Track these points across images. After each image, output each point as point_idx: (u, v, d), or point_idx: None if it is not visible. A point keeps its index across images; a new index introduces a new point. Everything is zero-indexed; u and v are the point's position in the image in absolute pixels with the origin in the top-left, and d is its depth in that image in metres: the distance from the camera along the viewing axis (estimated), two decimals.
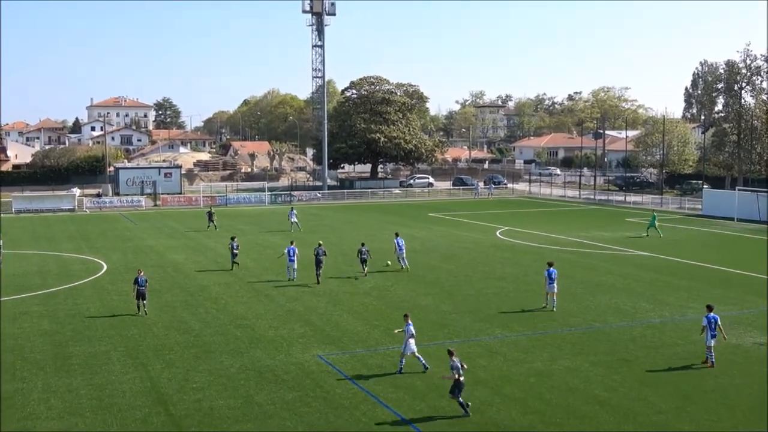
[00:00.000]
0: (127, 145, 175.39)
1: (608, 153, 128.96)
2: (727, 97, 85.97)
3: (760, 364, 23.94)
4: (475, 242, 50.86)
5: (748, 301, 32.75)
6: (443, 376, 20.91)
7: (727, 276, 38.81)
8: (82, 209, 75.95)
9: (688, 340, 26.66)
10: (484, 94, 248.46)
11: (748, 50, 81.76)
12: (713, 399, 20.88)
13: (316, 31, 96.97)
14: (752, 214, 63.17)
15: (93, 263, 43.07)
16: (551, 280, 31.06)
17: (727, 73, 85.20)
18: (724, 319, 29.27)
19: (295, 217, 58.23)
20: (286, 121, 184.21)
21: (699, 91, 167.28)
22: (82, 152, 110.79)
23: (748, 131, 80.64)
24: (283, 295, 34.27)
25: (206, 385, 22.02)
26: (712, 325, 23.58)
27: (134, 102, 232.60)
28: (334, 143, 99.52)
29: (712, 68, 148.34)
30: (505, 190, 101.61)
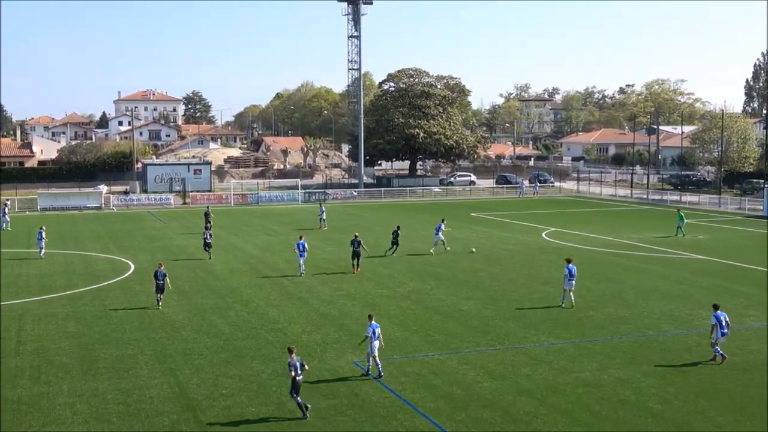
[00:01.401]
0: (155, 140, 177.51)
1: (662, 150, 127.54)
2: None
3: None
4: (519, 244, 50.64)
5: None
6: (280, 371, 20.74)
7: None
8: (109, 207, 76.98)
9: (746, 349, 26.31)
10: (529, 86, 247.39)
11: None
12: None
13: (352, 21, 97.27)
14: None
15: (120, 263, 43.63)
16: (572, 276, 32.26)
17: None
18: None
19: (324, 214, 59.53)
20: (320, 115, 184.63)
21: (761, 83, 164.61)
22: (109, 148, 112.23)
23: None
24: (317, 298, 34.43)
25: (236, 392, 22.20)
26: (722, 323, 24.68)
27: (163, 96, 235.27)
28: (370, 139, 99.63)
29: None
30: (552, 188, 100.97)
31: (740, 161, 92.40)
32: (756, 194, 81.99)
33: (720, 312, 24.97)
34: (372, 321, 23.70)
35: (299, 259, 39.66)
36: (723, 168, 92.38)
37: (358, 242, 40.99)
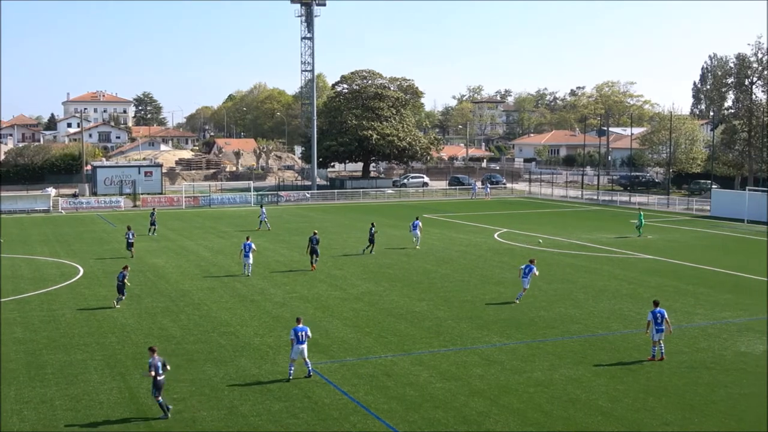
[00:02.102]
0: (105, 142, 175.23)
1: (612, 151, 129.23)
2: (737, 93, 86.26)
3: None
4: (472, 245, 50.94)
5: (759, 308, 32.86)
6: (143, 373, 20.85)
7: (736, 281, 38.96)
8: (58, 210, 75.78)
9: (694, 347, 26.78)
10: (482, 89, 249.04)
11: (760, 43, 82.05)
12: (721, 410, 20.96)
13: (305, 23, 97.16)
14: (763, 215, 63.43)
15: (69, 267, 42.99)
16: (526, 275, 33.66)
17: (737, 67, 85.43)
18: (732, 326, 29.54)
19: (265, 216, 59.72)
20: (273, 117, 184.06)
21: (708, 86, 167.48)
22: (58, 150, 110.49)
23: (759, 128, 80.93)
24: (270, 300, 34.28)
25: (188, 396, 22.01)
26: (658, 320, 25.05)
27: (113, 97, 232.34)
28: (323, 141, 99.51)
29: (722, 62, 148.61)
30: (504, 190, 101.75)
31: (688, 162, 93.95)
32: (703, 195, 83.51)
33: (658, 308, 25.28)
34: (299, 324, 23.53)
35: (245, 259, 40.02)
36: (671, 169, 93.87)
37: (317, 240, 41.98)
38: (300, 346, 23.12)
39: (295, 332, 23.19)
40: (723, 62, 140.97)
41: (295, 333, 23.18)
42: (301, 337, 23.13)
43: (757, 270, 41.58)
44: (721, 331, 28.87)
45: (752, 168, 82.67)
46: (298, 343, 23.10)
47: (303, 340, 23.13)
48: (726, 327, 29.57)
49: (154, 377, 20.32)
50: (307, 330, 23.40)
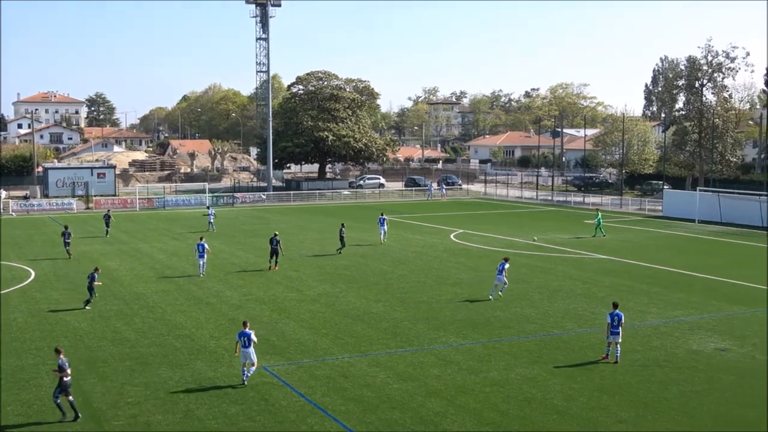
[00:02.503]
0: (57, 143, 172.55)
1: (566, 152, 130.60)
2: (687, 95, 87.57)
3: (721, 370, 24.44)
4: (428, 246, 51.08)
5: (710, 306, 33.45)
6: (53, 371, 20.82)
7: (688, 279, 39.58)
8: (8, 212, 74.44)
9: (647, 345, 27.14)
10: (437, 90, 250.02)
11: (710, 46, 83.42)
12: (674, 407, 21.27)
13: (260, 23, 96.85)
14: (713, 215, 64.56)
15: (20, 270, 42.25)
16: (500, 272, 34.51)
17: (687, 69, 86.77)
18: (684, 324, 30.00)
19: (213, 217, 59.91)
20: (228, 118, 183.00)
21: (659, 88, 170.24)
22: (8, 151, 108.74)
23: (709, 130, 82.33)
24: (226, 303, 34.05)
25: (143, 400, 21.77)
26: (615, 322, 24.99)
27: (64, 98, 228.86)
28: (279, 142, 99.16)
29: (673, 64, 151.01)
30: (460, 191, 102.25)
31: (640, 163, 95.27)
32: (655, 195, 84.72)
33: (617, 311, 25.19)
34: (245, 327, 23.29)
35: (199, 260, 40.05)
36: (624, 170, 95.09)
37: (277, 241, 42.09)
38: (245, 350, 22.96)
39: (239, 336, 23.15)
40: (674, 65, 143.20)
41: (239, 337, 23.13)
42: (245, 342, 22.94)
43: (709, 269, 42.27)
44: (673, 330, 29.30)
45: (703, 169, 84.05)
46: (244, 347, 22.96)
47: (247, 345, 22.91)
48: (678, 325, 30.02)
49: (62, 378, 20.10)
50: (251, 335, 23.10)
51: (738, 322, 30.55)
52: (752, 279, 39.45)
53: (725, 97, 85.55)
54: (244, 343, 22.94)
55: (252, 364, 23.06)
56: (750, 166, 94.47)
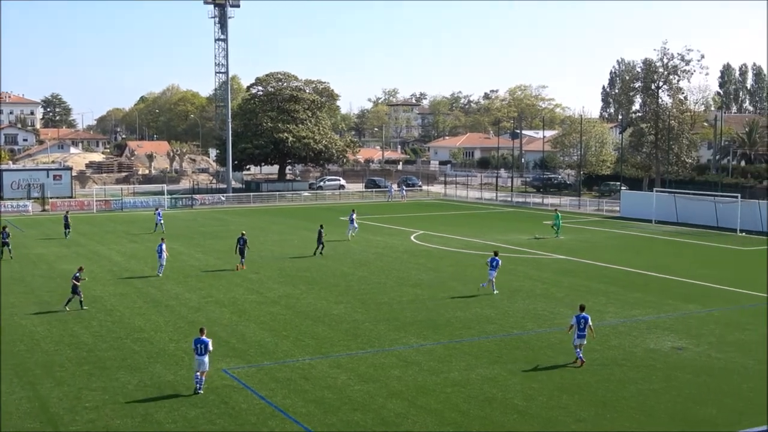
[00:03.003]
0: (11, 145, 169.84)
1: (525, 153, 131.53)
2: (644, 97, 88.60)
3: (678, 368, 24.79)
4: (388, 247, 51.14)
5: (667, 305, 33.90)
6: None
7: (645, 279, 40.07)
8: None
9: (605, 345, 27.43)
10: (397, 91, 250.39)
11: (665, 48, 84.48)
12: (632, 405, 21.52)
13: (218, 24, 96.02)
14: (669, 215, 65.43)
15: None
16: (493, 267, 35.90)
17: (644, 71, 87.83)
18: (641, 324, 30.37)
19: (161, 218, 59.96)
20: (186, 119, 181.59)
21: (616, 90, 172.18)
22: None
23: (665, 131, 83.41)
24: (185, 305, 33.78)
25: (101, 404, 21.52)
26: (581, 325, 24.80)
27: (19, 98, 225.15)
28: (238, 143, 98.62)
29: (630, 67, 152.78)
30: (420, 192, 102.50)
31: (598, 164, 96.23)
32: (613, 196, 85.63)
33: (584, 313, 25.06)
34: (202, 335, 22.88)
35: (159, 260, 40.44)
36: (582, 171, 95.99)
37: (244, 240, 42.80)
38: (200, 358, 22.44)
39: (195, 344, 22.67)
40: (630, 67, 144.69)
41: (195, 344, 22.66)
42: (200, 350, 22.46)
43: (665, 269, 42.82)
44: (631, 329, 29.64)
45: (659, 170, 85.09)
46: (199, 355, 22.46)
47: (202, 353, 22.42)
48: (636, 325, 30.39)
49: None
50: (209, 343, 22.63)
51: (694, 321, 31.00)
52: (707, 278, 40.06)
53: (680, 99, 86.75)
54: (199, 351, 22.48)
55: (204, 372, 22.55)
56: (705, 167, 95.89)
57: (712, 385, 23.30)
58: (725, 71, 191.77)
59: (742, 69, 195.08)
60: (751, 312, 32.79)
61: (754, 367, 25.01)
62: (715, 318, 31.61)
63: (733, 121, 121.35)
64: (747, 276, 41.24)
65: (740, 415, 20.80)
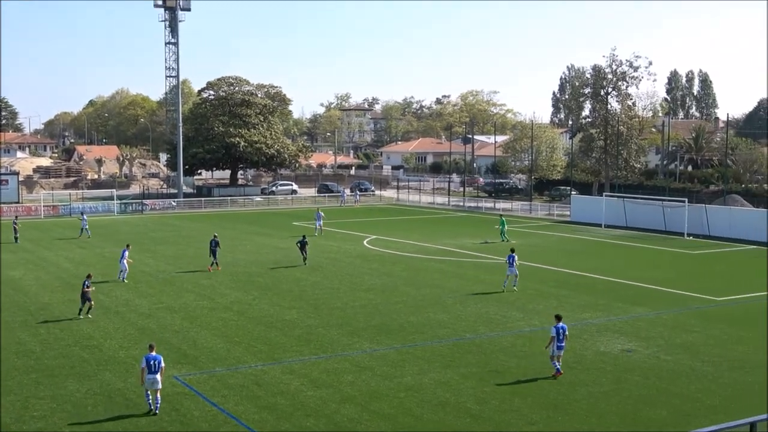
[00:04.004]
0: None
1: (477, 158, 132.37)
2: (593, 103, 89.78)
3: (628, 371, 25.11)
4: (341, 252, 51.09)
5: (616, 308, 34.33)
6: None
7: (595, 282, 40.55)
8: None
9: None
10: (350, 96, 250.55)
11: (614, 55, 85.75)
12: (584, 407, 21.75)
13: (169, 28, 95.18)
14: (618, 219, 66.31)
15: None
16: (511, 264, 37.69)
17: (593, 78, 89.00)
18: (592, 327, 30.72)
19: (86, 223, 59.72)
20: (136, 123, 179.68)
21: (566, 96, 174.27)
22: None
23: (614, 137, 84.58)
24: (135, 311, 33.37)
25: (49, 413, 21.15)
26: (560, 336, 24.20)
27: None
28: (189, 148, 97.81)
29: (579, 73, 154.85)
30: (373, 197, 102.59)
31: (549, 169, 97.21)
32: (564, 200, 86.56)
33: (561, 324, 24.46)
34: (152, 351, 21.52)
35: (121, 265, 40.36)
36: (533, 176, 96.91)
37: (216, 242, 44.37)
38: (153, 377, 21.04)
39: (146, 361, 21.11)
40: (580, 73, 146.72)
41: (146, 362, 21.09)
42: (154, 367, 21.04)
43: (614, 272, 43.37)
44: (581, 332, 29.96)
45: (608, 174, 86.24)
46: (150, 373, 21.04)
47: (155, 370, 21.03)
48: (586, 328, 30.73)
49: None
50: (161, 359, 21.32)
51: (643, 324, 31.45)
52: (656, 281, 40.67)
53: (629, 105, 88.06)
54: (152, 368, 21.04)
55: (157, 390, 21.19)
56: (653, 172, 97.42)
57: (661, 386, 23.64)
58: (672, 78, 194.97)
59: (688, 75, 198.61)
60: (698, 314, 33.37)
61: (702, 368, 25.46)
62: (664, 320, 32.10)
63: (680, 126, 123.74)
64: (694, 279, 41.99)
65: (689, 417, 21.13)
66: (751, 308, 34.82)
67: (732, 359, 26.54)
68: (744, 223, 58.84)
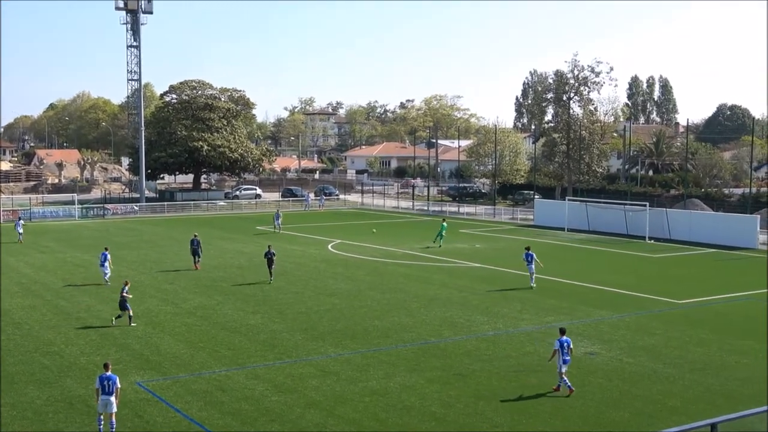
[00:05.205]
0: None
1: (441, 163, 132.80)
2: (556, 107, 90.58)
3: (591, 373, 25.31)
4: (305, 257, 50.95)
5: (579, 311, 34.60)
6: None
7: (558, 286, 40.81)
8: None
9: (521, 351, 27.84)
10: (314, 100, 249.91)
11: (576, 60, 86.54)
12: (547, 411, 21.88)
13: (131, 30, 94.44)
14: (581, 223, 66.86)
15: None
16: (529, 261, 39.33)
17: (555, 83, 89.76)
18: (555, 330, 30.84)
19: (21, 227, 59.68)
20: (98, 127, 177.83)
21: (529, 100, 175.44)
22: None
23: (576, 141, 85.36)
24: (97, 317, 32.98)
25: (9, 421, 20.84)
26: (565, 349, 23.26)
27: None
28: (152, 152, 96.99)
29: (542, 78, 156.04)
30: (337, 201, 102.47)
31: (512, 174, 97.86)
32: (527, 204, 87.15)
33: (565, 337, 23.52)
34: (107, 370, 20.10)
35: (101, 268, 40.90)
36: (497, 180, 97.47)
37: (198, 242, 46.10)
38: (107, 398, 19.67)
39: (100, 381, 19.79)
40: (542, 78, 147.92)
41: (100, 382, 19.77)
42: (108, 387, 19.68)
43: (577, 275, 43.68)
44: (546, 335, 30.12)
45: (571, 179, 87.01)
46: (104, 394, 19.69)
47: (110, 391, 19.68)
48: (550, 331, 30.84)
49: None
50: (116, 380, 19.94)
51: (605, 327, 31.71)
52: (618, 285, 41.06)
53: (591, 110, 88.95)
54: (106, 389, 19.66)
55: (112, 414, 19.75)
56: (615, 177, 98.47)
57: (623, 388, 23.86)
58: (633, 83, 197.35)
59: (649, 81, 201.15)
60: (660, 317, 33.72)
61: (663, 370, 25.73)
62: (626, 323, 32.40)
63: (642, 131, 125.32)
64: (655, 282, 42.43)
65: (651, 418, 21.35)
66: (711, 311, 35.30)
67: (693, 361, 26.87)
68: (704, 227, 59.64)
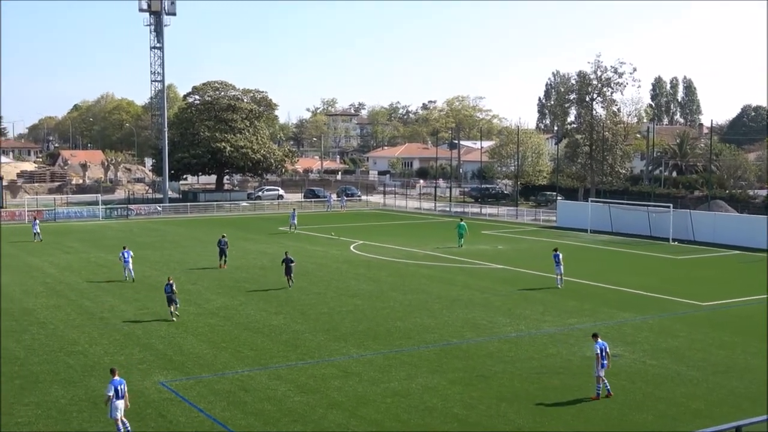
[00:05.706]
0: None
1: (463, 164, 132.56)
2: (578, 108, 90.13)
3: (614, 375, 25.16)
4: (328, 257, 51.04)
5: (602, 313, 34.44)
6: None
7: (580, 288, 40.62)
8: None
9: (543, 353, 27.75)
10: (336, 101, 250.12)
11: (599, 61, 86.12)
12: (570, 413, 21.80)
13: (154, 32, 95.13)
14: (604, 225, 66.52)
15: None
16: (558, 263, 39.88)
17: (578, 84, 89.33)
18: (578, 332, 30.79)
19: (38, 227, 60.33)
20: (122, 128, 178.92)
21: (552, 101, 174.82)
22: None
23: (599, 142, 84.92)
24: (120, 317, 33.22)
25: (34, 419, 21.04)
26: (603, 353, 22.96)
27: None
28: (175, 153, 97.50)
29: (565, 79, 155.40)
30: (359, 202, 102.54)
31: (535, 175, 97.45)
32: (550, 206, 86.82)
33: (601, 341, 23.28)
34: (115, 376, 20.24)
35: (124, 265, 42.08)
36: (519, 181, 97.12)
37: (225, 242, 47.23)
38: (120, 403, 19.86)
39: (113, 386, 19.87)
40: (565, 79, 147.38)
41: (114, 388, 19.86)
42: (120, 392, 19.91)
43: (600, 277, 43.45)
44: (568, 337, 30.02)
45: (594, 180, 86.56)
46: (118, 398, 19.84)
47: (122, 395, 19.95)
48: (573, 333, 30.79)
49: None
50: (124, 384, 20.24)
51: (629, 329, 31.54)
52: (641, 287, 40.80)
53: (614, 111, 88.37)
54: (119, 394, 19.87)
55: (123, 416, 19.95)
56: (638, 178, 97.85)
57: (647, 391, 23.73)
58: (656, 84, 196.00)
59: (673, 82, 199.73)
60: (683, 319, 33.50)
61: (687, 372, 25.56)
62: (649, 325, 32.22)
63: (665, 132, 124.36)
64: (679, 284, 42.13)
65: (675, 421, 21.23)
66: (735, 313, 35.03)
67: (716, 363, 26.68)
68: (728, 229, 59.15)
